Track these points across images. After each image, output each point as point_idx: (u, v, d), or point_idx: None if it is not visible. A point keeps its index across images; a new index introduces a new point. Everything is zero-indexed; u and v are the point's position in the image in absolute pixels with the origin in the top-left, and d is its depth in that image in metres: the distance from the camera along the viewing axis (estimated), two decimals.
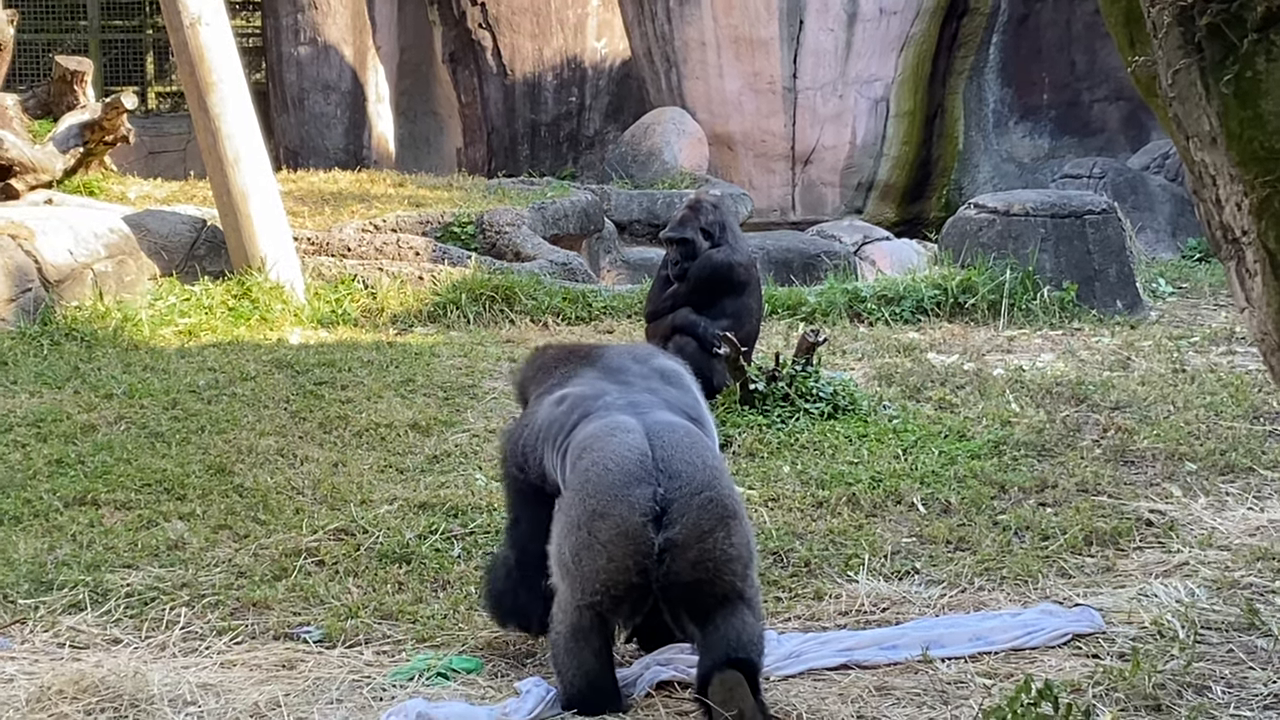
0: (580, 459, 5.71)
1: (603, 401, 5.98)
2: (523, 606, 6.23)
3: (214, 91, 13.65)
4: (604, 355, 6.41)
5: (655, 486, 5.52)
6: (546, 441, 6.03)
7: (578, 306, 13.28)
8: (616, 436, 5.70)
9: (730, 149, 22.34)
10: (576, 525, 5.59)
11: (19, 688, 5.83)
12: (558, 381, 6.28)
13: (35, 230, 13.05)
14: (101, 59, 23.15)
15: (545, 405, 6.16)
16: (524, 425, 6.24)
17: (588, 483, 5.61)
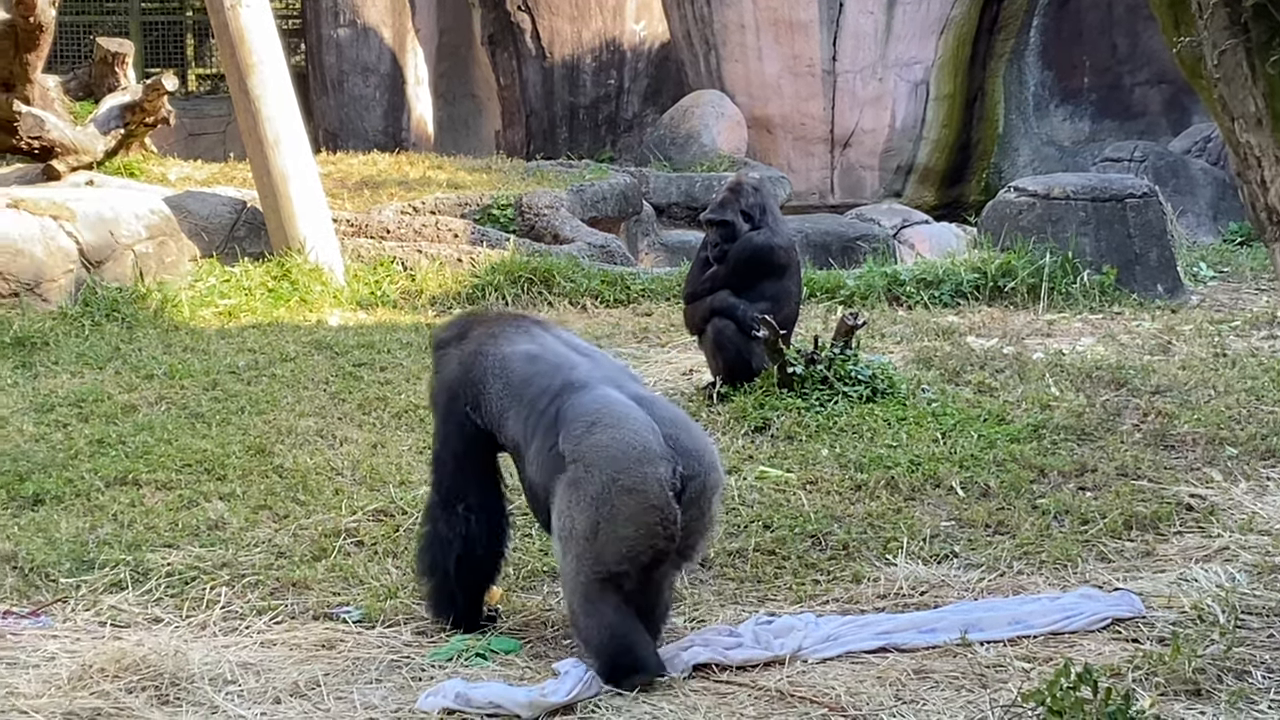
0: (591, 433, 5.84)
1: (583, 372, 6.16)
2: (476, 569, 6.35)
3: (254, 73, 13.68)
4: (554, 326, 6.64)
5: (674, 464, 5.79)
6: (519, 399, 6.15)
7: (616, 289, 13.28)
8: (627, 413, 5.90)
9: (769, 132, 22.30)
10: (599, 500, 5.74)
11: (61, 666, 5.87)
12: (518, 333, 6.41)
13: (77, 211, 13.10)
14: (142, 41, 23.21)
15: (515, 356, 6.26)
16: (483, 369, 6.29)
17: (611, 459, 5.76)
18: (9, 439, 8.95)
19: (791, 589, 6.87)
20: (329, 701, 5.62)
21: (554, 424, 5.98)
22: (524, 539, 7.33)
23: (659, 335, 11.80)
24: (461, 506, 6.32)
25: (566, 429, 5.91)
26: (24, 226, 12.66)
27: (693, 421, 6.22)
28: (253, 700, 5.62)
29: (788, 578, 6.99)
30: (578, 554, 5.81)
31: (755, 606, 6.65)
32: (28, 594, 6.82)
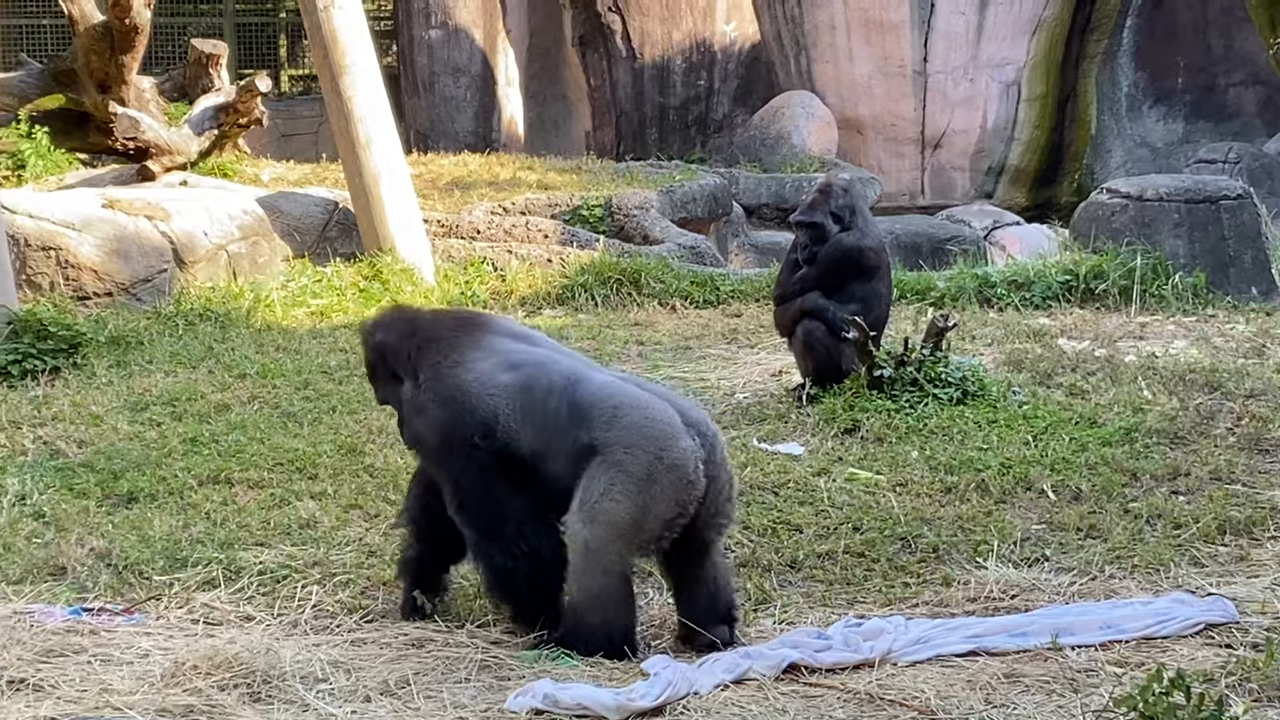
0: (619, 417, 6.03)
1: (566, 364, 6.31)
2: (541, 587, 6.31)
3: (346, 74, 13.75)
4: (498, 323, 6.66)
5: (694, 436, 6.05)
6: (527, 410, 6.16)
7: (705, 290, 13.27)
8: (639, 395, 6.14)
9: (859, 133, 22.23)
10: (646, 478, 5.94)
11: (154, 663, 5.91)
12: (478, 349, 6.33)
13: (171, 211, 13.22)
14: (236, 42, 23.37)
15: (494, 370, 6.24)
16: (472, 394, 6.22)
17: (649, 438, 5.99)
18: (104, 437, 9.04)
19: (881, 591, 6.85)
20: (419, 700, 5.64)
21: (570, 418, 6.09)
22: None
23: (748, 336, 11.79)
24: (510, 528, 6.27)
25: (590, 420, 6.05)
26: (119, 227, 12.79)
27: (678, 393, 6.66)
28: (343, 698, 5.65)
29: (877, 580, 6.97)
30: (620, 534, 5.98)
31: (844, 609, 6.63)
32: (122, 591, 6.87)
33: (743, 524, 7.51)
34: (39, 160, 15.89)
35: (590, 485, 6.00)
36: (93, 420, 9.35)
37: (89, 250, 12.49)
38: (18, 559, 7.21)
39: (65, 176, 15.79)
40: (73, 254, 12.42)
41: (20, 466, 8.58)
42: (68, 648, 6.11)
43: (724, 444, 6.29)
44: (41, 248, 12.38)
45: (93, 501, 7.98)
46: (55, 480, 8.30)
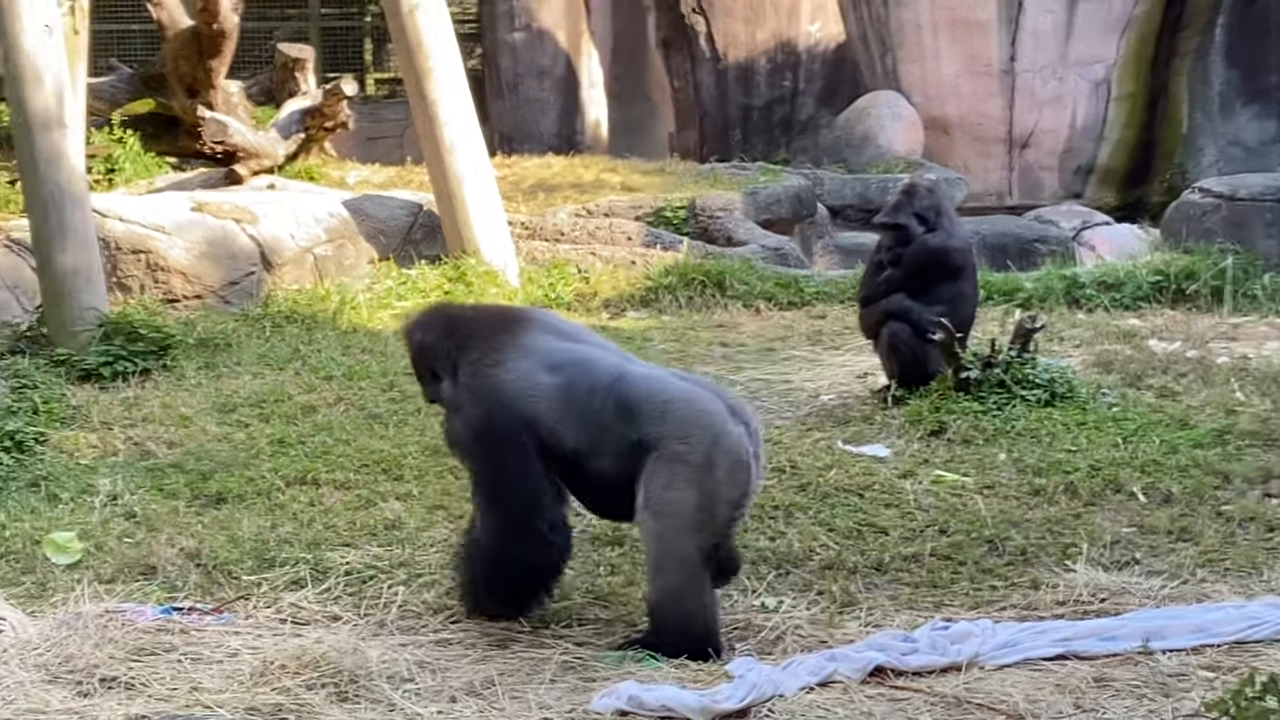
0: (670, 411, 6.10)
1: (607, 360, 6.38)
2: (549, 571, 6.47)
3: (431, 77, 13.80)
4: (538, 318, 6.68)
5: (742, 425, 6.17)
6: (569, 409, 6.21)
7: (790, 292, 13.23)
8: (685, 386, 6.26)
9: (946, 133, 22.11)
10: (705, 466, 6.03)
11: (243, 661, 5.95)
12: (517, 349, 6.35)
13: (258, 214, 13.31)
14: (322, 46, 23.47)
15: (534, 370, 6.28)
16: (510, 393, 6.27)
17: (704, 426, 6.08)
18: (193, 438, 9.11)
19: (968, 594, 6.82)
20: (504, 701, 5.65)
21: (617, 415, 6.16)
22: None
23: (833, 338, 11.75)
24: (545, 525, 6.33)
25: (638, 415, 6.12)
26: (208, 230, 12.89)
27: (714, 381, 6.88)
28: (429, 698, 5.67)
29: (964, 583, 6.94)
30: (691, 527, 6.05)
31: (931, 612, 6.60)
32: (211, 590, 6.93)
33: (827, 526, 7.50)
34: (130, 164, 16.04)
35: (652, 481, 6.07)
36: (182, 421, 9.43)
37: (178, 253, 12.59)
38: (109, 558, 7.28)
39: (155, 180, 15.92)
40: (162, 257, 12.52)
41: (112, 467, 8.66)
42: (158, 646, 6.16)
43: (762, 437, 6.42)
44: (132, 251, 12.49)
45: (182, 502, 8.05)
46: (146, 481, 8.38)
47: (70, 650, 6.02)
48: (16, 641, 6.13)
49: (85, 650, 6.02)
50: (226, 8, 15.40)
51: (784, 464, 8.33)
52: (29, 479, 8.52)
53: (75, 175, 10.88)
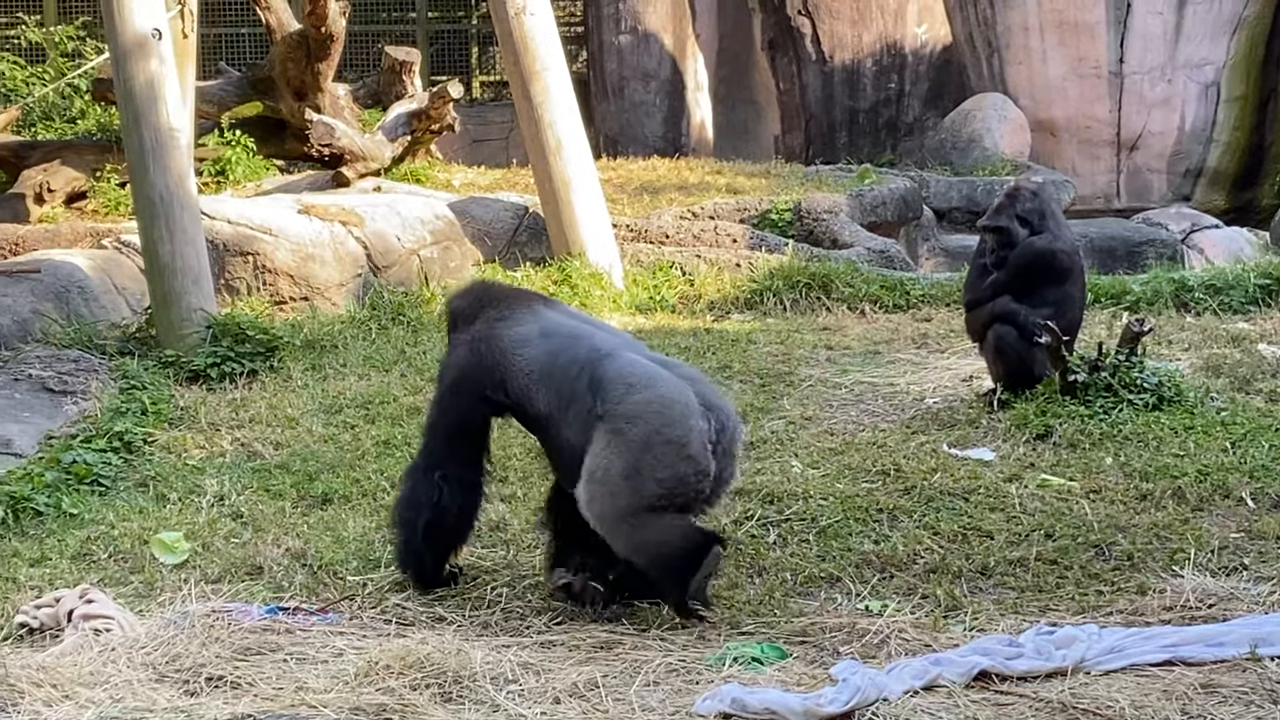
0: (631, 394, 6.43)
1: (603, 340, 6.76)
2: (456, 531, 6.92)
3: (537, 80, 13.84)
4: (558, 302, 7.26)
5: (709, 418, 6.43)
6: (547, 374, 6.65)
7: (895, 294, 13.17)
8: (659, 374, 6.52)
9: (1053, 135, 21.96)
10: (641, 447, 6.33)
11: (348, 661, 5.99)
12: (527, 313, 6.89)
13: (365, 217, 13.39)
14: (428, 49, 23.62)
15: (530, 334, 6.77)
16: (500, 352, 6.75)
17: (655, 413, 6.38)
18: (299, 439, 9.18)
19: (1074, 599, 6.76)
20: (607, 703, 5.66)
21: (588, 389, 6.51)
22: (801, 544, 7.32)
23: (939, 341, 11.68)
24: (439, 475, 6.78)
25: (604, 393, 6.47)
26: (314, 232, 12.98)
27: (705, 376, 7.04)
28: (533, 700, 5.68)
29: (1070, 588, 6.89)
30: (612, 491, 6.38)
31: (1037, 616, 6.55)
32: (316, 591, 6.98)
33: (932, 530, 7.47)
34: (239, 167, 16.19)
35: (595, 448, 6.44)
36: (288, 423, 9.50)
37: (285, 255, 12.69)
38: (216, 558, 7.35)
39: (263, 183, 16.06)
40: (269, 259, 12.62)
41: (219, 468, 8.74)
42: (264, 646, 6.21)
43: (741, 435, 6.72)
44: (239, 253, 12.59)
45: (288, 503, 8.11)
46: (252, 481, 8.45)
47: (177, 649, 6.08)
48: (125, 640, 6.20)
49: (192, 649, 6.07)
50: (334, 11, 15.51)
51: (889, 467, 8.30)
52: (137, 479, 8.62)
53: (184, 177, 10.98)
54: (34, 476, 8.33)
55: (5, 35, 19.90)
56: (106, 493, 8.42)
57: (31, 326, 11.13)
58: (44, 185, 15.89)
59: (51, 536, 7.72)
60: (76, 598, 6.62)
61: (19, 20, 19.63)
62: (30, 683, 5.70)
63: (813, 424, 9.38)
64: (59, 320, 11.17)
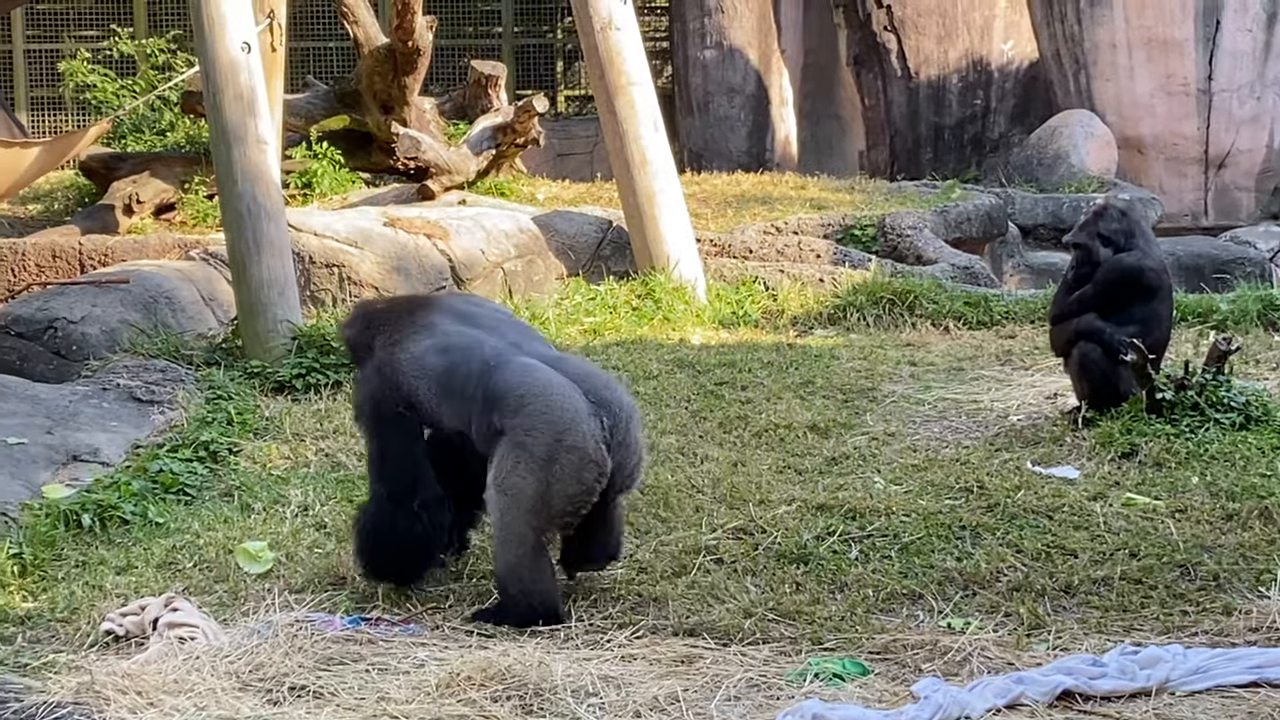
0: (525, 405, 6.59)
1: (493, 349, 6.86)
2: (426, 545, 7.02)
3: (622, 95, 13.87)
4: (444, 303, 7.32)
5: (601, 417, 6.62)
6: (447, 392, 6.80)
7: (979, 311, 13.11)
8: (550, 379, 6.67)
9: (1140, 152, 21.81)
10: (546, 459, 6.52)
11: (430, 672, 6.01)
12: (416, 330, 7.01)
13: (449, 230, 13.46)
14: (514, 63, 23.71)
15: (425, 353, 6.89)
16: (401, 372, 6.90)
17: (550, 423, 6.55)
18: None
19: (1158, 619, 6.71)
20: (688, 717, 5.66)
21: (484, 404, 6.68)
22: (883, 560, 7.30)
23: (1023, 358, 11.63)
24: (417, 504, 6.92)
25: (500, 406, 6.62)
26: (400, 244, 13.05)
27: (597, 369, 7.25)
28: (613, 713, 5.69)
29: (1154, 608, 6.83)
30: (530, 509, 6.57)
31: (1121, 636, 6.51)
32: (399, 602, 7.00)
33: (1015, 547, 7.43)
34: (326, 179, 16.29)
35: (500, 464, 6.60)
36: None
37: (370, 267, 12.76)
38: (300, 568, 7.39)
39: (349, 195, 16.16)
40: (355, 271, 12.70)
41: (303, 478, 8.79)
42: (347, 656, 6.24)
43: (637, 422, 6.85)
44: (325, 264, 12.68)
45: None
46: (336, 492, 8.49)
47: (261, 658, 6.12)
48: (209, 649, 6.25)
49: (275, 659, 6.11)
50: (421, 25, 15.60)
51: (972, 484, 8.27)
52: (223, 489, 8.68)
53: (271, 189, 11.07)
54: (121, 485, 8.40)
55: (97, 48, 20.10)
56: (192, 502, 8.48)
57: (120, 336, 11.25)
58: (133, 197, 16.06)
59: (138, 545, 7.79)
60: (162, 606, 6.67)
61: (111, 33, 19.83)
62: (116, 690, 5.75)
63: (895, 440, 9.36)
64: (147, 330, 11.28)
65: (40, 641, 6.67)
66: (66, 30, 23.10)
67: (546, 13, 25.19)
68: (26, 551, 7.55)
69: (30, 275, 14.20)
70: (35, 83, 22.99)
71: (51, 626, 6.82)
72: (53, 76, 21.90)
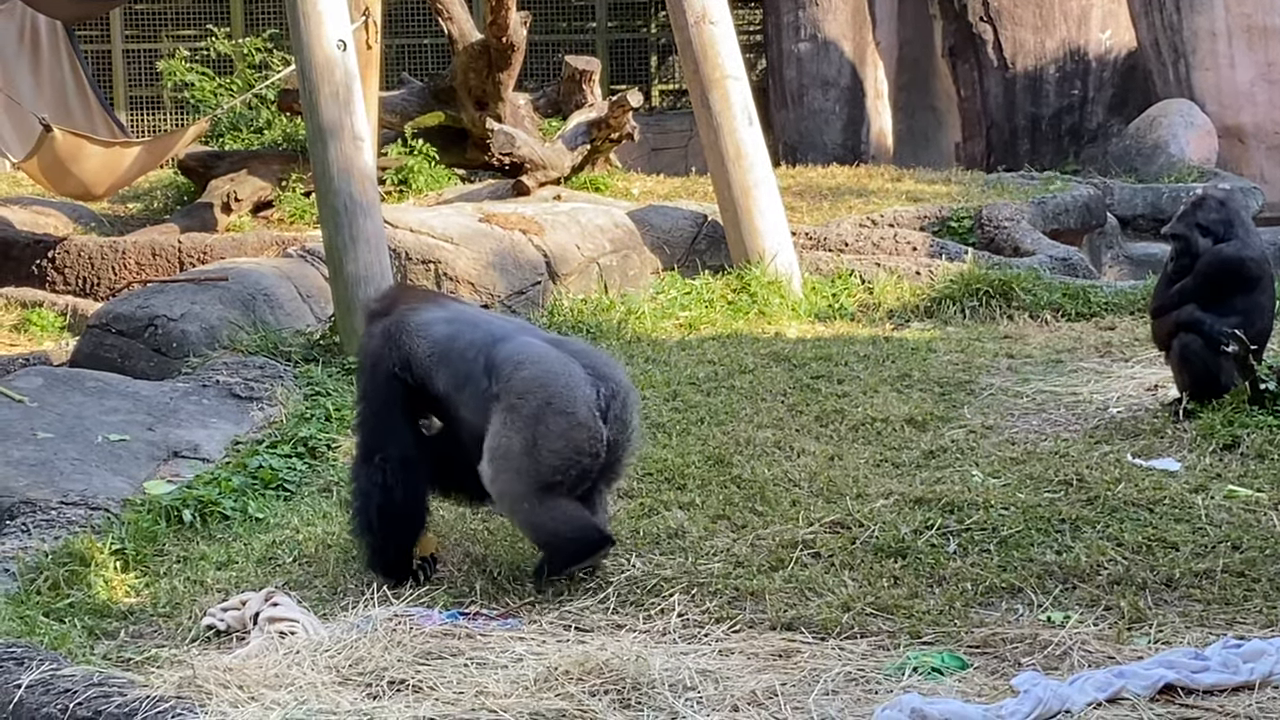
0: (519, 370, 6.84)
1: (501, 325, 7.26)
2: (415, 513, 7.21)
3: (716, 88, 13.86)
4: (464, 300, 7.80)
5: (598, 385, 6.85)
6: (446, 355, 7.06)
7: (1078, 302, 13.02)
8: (547, 351, 6.96)
9: (1241, 142, 21.60)
10: (534, 419, 6.74)
11: (528, 667, 6.02)
12: (433, 303, 7.44)
13: (545, 225, 13.49)
14: (608, 58, 23.73)
15: (434, 321, 7.19)
16: (407, 334, 7.16)
17: (542, 386, 6.79)
18: None
19: (1261, 612, 6.63)
20: (785, 711, 5.64)
21: (484, 370, 6.92)
22: (981, 554, 7.26)
23: (1122, 350, 11.53)
24: (378, 458, 7.10)
25: (497, 372, 6.86)
26: (495, 240, 13.09)
27: (600, 350, 7.49)
28: (711, 707, 5.68)
29: (1258, 600, 6.75)
30: (516, 468, 6.76)
31: (1223, 629, 6.44)
32: (496, 597, 7.02)
33: (1116, 540, 7.36)
34: (420, 176, 16.37)
35: (493, 430, 6.84)
36: None
37: (466, 263, 12.81)
38: None
39: (444, 192, 16.23)
40: (450, 267, 12.74)
41: None
42: (445, 650, 6.26)
43: (635, 402, 7.06)
44: (421, 261, 12.74)
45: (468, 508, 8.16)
46: None
47: (360, 653, 6.15)
48: (309, 643, 6.29)
49: (374, 653, 6.14)
50: (515, 21, 15.64)
51: (1071, 477, 8.21)
52: (321, 484, 8.74)
53: (367, 186, 11.12)
54: (221, 481, 8.48)
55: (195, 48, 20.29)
56: (291, 497, 8.54)
57: (219, 334, 11.34)
58: (231, 195, 16.20)
59: (238, 540, 7.85)
60: (262, 601, 6.73)
61: (208, 32, 20.01)
62: (218, 684, 5.80)
63: (994, 433, 9.30)
64: (245, 327, 11.37)
65: (143, 636, 6.74)
66: (164, 30, 23.34)
67: (640, 7, 25.22)
68: (129, 547, 7.63)
69: (130, 273, 14.37)
70: (134, 82, 23.24)
71: (154, 621, 6.90)
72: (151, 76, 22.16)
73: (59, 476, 8.44)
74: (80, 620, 6.85)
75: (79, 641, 6.57)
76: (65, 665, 5.99)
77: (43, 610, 6.91)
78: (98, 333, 11.56)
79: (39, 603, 7.00)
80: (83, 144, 14.81)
